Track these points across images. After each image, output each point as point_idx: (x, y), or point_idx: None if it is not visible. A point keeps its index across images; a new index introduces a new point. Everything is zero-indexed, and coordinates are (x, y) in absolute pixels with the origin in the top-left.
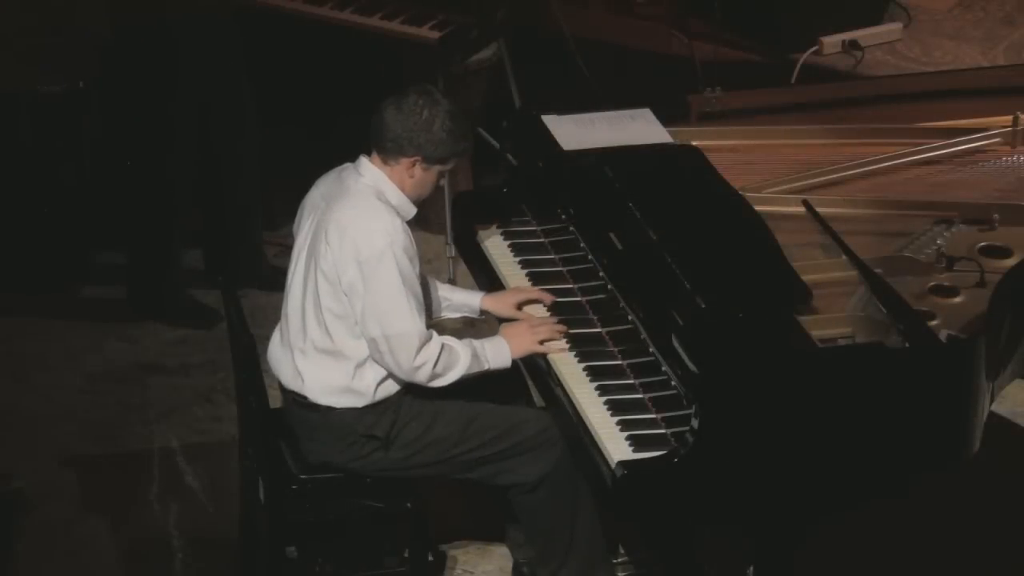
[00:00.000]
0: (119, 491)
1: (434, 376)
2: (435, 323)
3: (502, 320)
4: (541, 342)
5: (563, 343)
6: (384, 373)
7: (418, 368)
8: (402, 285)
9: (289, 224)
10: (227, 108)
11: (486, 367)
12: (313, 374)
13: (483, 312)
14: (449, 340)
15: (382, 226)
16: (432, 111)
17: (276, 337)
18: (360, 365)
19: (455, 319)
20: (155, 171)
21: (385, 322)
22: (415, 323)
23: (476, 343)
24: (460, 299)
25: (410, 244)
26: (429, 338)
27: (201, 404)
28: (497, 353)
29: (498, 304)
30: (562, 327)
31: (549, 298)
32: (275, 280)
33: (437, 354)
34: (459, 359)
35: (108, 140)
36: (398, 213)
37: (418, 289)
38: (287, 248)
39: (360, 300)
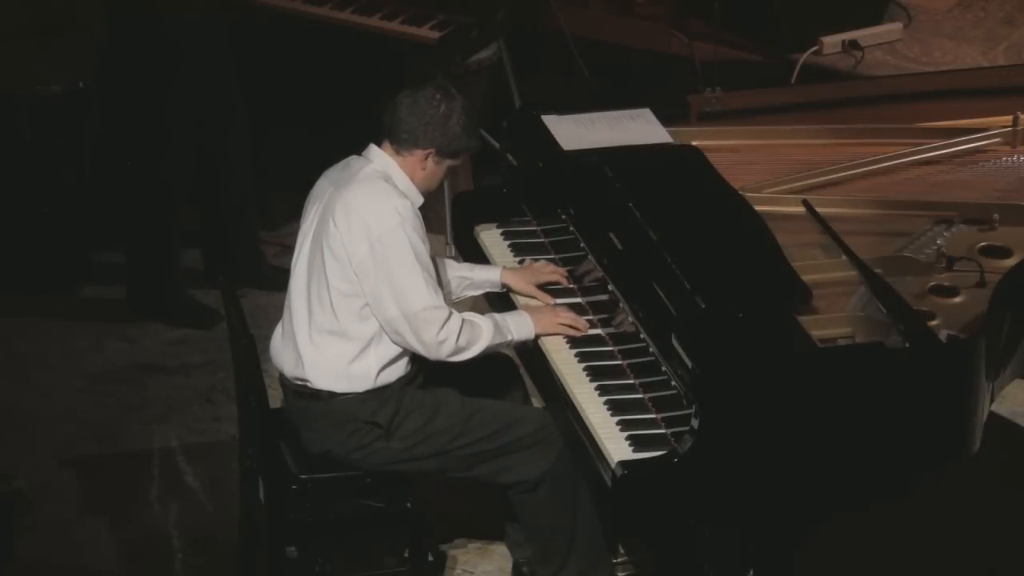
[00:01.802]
0: (119, 491)
1: (457, 350)
2: (457, 302)
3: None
4: (563, 327)
5: (583, 332)
6: (387, 358)
7: (441, 343)
8: (416, 261)
9: (289, 224)
10: (219, 108)
11: (509, 338)
12: (314, 356)
13: (504, 285)
14: (469, 315)
15: (392, 205)
16: (449, 105)
17: (278, 331)
18: (364, 348)
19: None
20: (154, 171)
21: (402, 300)
22: (433, 298)
23: (497, 316)
24: (481, 276)
25: (420, 225)
26: (449, 313)
27: (201, 404)
28: (520, 325)
29: (518, 279)
30: (583, 323)
31: (563, 275)
32: (275, 280)
33: (459, 328)
34: (482, 332)
35: (108, 140)
36: (406, 197)
37: (431, 266)
38: (287, 248)
39: (372, 279)
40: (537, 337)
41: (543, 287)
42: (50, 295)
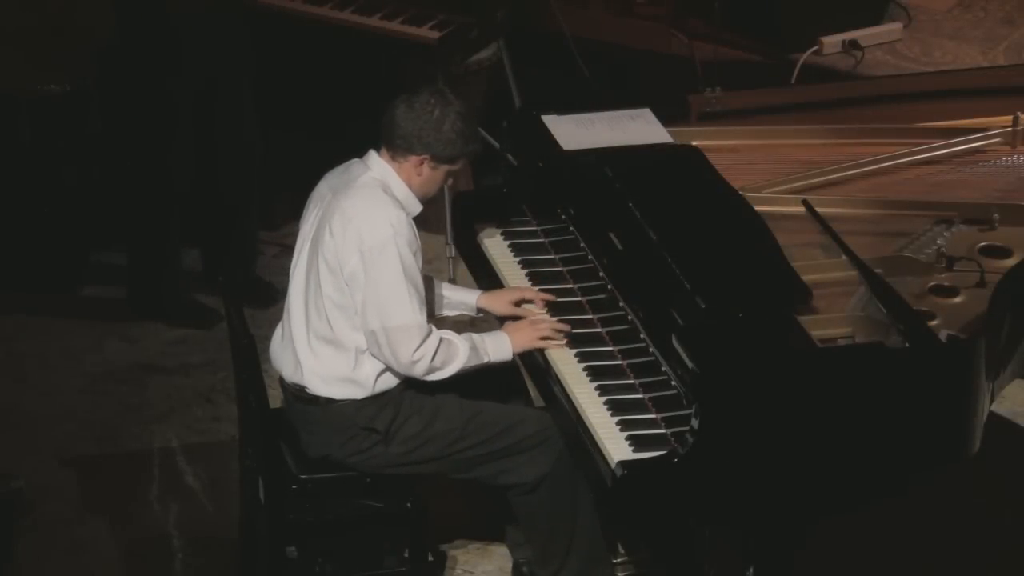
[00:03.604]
0: (119, 491)
1: (431, 370)
2: (435, 320)
3: (502, 319)
4: (543, 339)
5: (563, 341)
6: (382, 365)
7: (415, 362)
8: (403, 277)
9: (290, 225)
10: (228, 106)
11: (485, 360)
12: (313, 363)
13: (480, 310)
14: (448, 334)
15: (386, 217)
16: (443, 111)
17: (277, 333)
18: (360, 355)
19: (457, 317)
20: (155, 171)
21: (385, 314)
22: (415, 316)
23: (476, 336)
24: (458, 297)
25: (414, 239)
26: (428, 332)
27: (201, 404)
28: (498, 347)
29: (494, 302)
30: (564, 326)
31: (545, 298)
32: (262, 295)
33: (435, 348)
34: (458, 352)
35: (108, 140)
36: (403, 207)
37: (420, 283)
38: (287, 248)
39: (361, 291)
40: (515, 355)
41: (536, 300)
42: (50, 295)
